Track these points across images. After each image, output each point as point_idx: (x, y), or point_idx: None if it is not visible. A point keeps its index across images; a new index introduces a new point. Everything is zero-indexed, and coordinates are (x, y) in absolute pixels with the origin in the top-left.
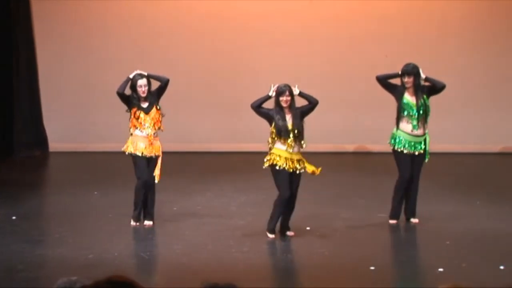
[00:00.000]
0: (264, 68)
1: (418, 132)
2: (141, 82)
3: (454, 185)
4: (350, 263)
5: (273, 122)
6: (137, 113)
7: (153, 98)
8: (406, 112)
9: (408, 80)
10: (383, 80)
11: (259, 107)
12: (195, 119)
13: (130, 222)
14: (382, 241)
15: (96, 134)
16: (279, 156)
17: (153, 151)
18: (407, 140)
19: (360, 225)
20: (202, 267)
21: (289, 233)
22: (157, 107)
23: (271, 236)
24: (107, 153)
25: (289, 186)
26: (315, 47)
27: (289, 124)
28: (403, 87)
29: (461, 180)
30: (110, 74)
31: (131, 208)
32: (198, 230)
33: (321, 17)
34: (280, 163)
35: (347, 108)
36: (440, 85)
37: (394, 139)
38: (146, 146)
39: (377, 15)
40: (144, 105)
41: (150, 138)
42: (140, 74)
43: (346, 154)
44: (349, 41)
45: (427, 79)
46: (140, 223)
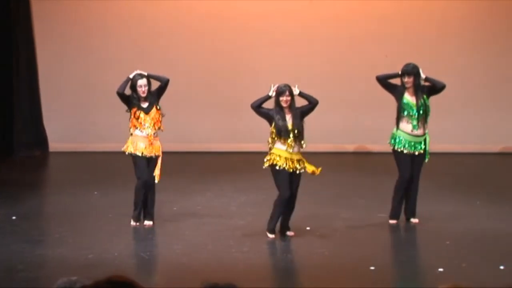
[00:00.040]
0: (264, 68)
1: (418, 132)
2: (141, 82)
3: (454, 185)
4: (350, 263)
5: (273, 122)
6: (137, 113)
7: (153, 98)
8: (406, 112)
9: (408, 80)
10: (383, 80)
11: (259, 107)
12: (195, 119)
13: (130, 222)
14: (382, 241)
15: (96, 134)
16: (279, 156)
17: (153, 151)
18: (407, 140)
19: (360, 225)
20: (202, 267)
21: (289, 233)
22: (157, 107)
23: (271, 236)
24: (107, 153)
25: (289, 186)
26: (315, 47)
27: (289, 124)
28: (403, 87)
29: (461, 180)
30: (110, 74)
31: (131, 208)
32: (198, 230)
33: (321, 17)
34: (280, 163)
35: (347, 108)
36: (440, 85)
37: (394, 139)
38: (146, 146)
39: (377, 15)
40: (144, 105)
41: (150, 138)
42: (140, 74)
43: (346, 154)
44: (349, 41)
45: (427, 79)
46: (140, 223)
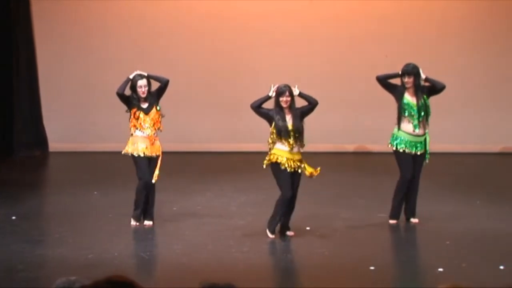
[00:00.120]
0: (264, 68)
1: (419, 132)
2: (141, 83)
3: (454, 185)
4: (350, 263)
5: (273, 122)
6: (137, 113)
7: (153, 98)
8: (407, 112)
9: (408, 80)
10: (383, 80)
11: (259, 108)
12: (195, 119)
13: (130, 222)
14: (382, 241)
15: (96, 134)
16: (280, 156)
17: (154, 151)
18: (408, 140)
19: (360, 225)
20: (202, 267)
21: (289, 233)
22: (157, 107)
23: (271, 236)
24: (107, 153)
25: (291, 186)
26: (315, 47)
27: (289, 125)
28: (403, 87)
29: (461, 180)
30: (110, 74)
31: (131, 208)
32: (198, 230)
33: (321, 17)
34: (283, 162)
35: (347, 108)
36: (440, 85)
37: (395, 139)
38: (147, 146)
39: (377, 15)
40: (144, 105)
41: (151, 139)
42: (140, 74)
43: (346, 154)
44: (349, 41)
45: (427, 80)
46: (140, 223)
